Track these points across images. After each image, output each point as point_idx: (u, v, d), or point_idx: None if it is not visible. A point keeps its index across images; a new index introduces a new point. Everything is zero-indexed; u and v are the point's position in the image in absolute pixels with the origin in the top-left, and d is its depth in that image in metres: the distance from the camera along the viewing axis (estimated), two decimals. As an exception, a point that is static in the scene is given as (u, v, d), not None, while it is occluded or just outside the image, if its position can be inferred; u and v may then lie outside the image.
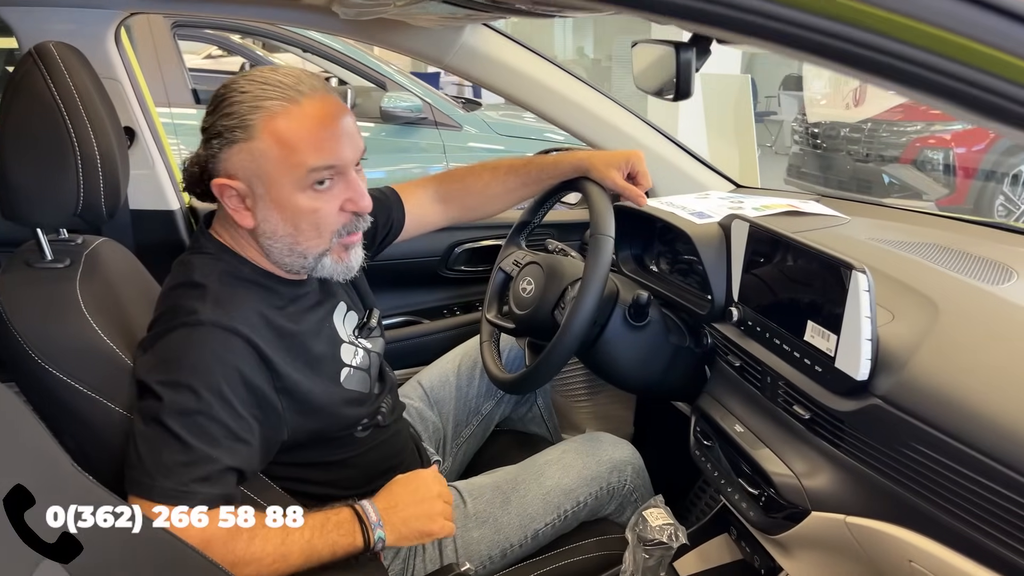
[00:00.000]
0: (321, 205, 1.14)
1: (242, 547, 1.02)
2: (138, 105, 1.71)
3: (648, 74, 1.31)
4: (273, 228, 1.14)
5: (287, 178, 1.11)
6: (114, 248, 1.35)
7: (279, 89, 1.10)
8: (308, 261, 1.18)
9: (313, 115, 1.10)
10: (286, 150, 1.09)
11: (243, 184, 1.12)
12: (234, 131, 1.09)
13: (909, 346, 1.04)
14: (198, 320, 1.07)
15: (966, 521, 0.91)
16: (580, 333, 1.34)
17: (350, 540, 1.10)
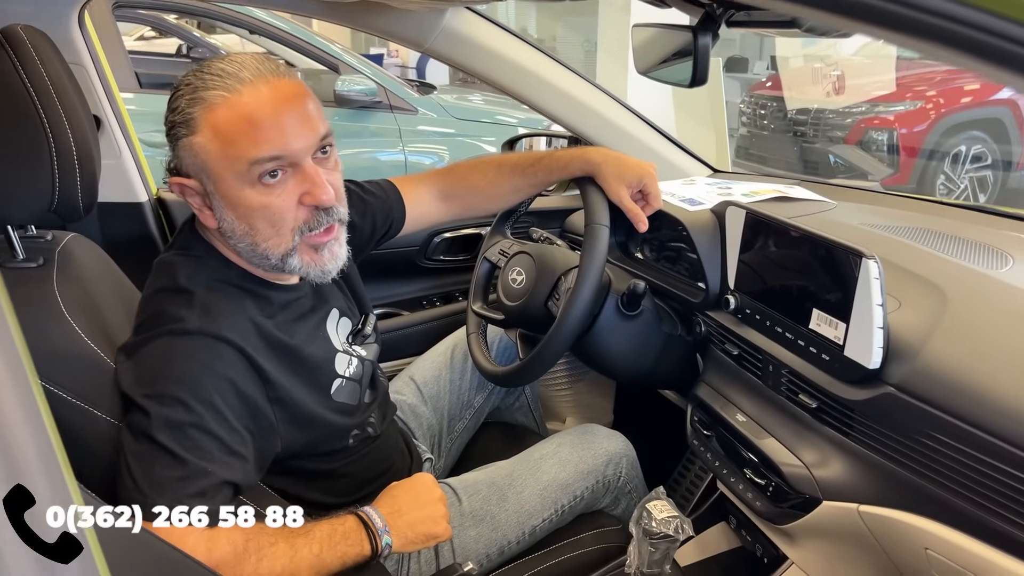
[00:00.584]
0: (272, 200, 1.05)
1: (250, 569, 0.97)
2: (104, 92, 1.61)
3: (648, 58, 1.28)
4: (231, 227, 1.07)
5: (230, 172, 1.03)
6: (84, 244, 1.27)
7: (220, 79, 1.02)
8: (272, 262, 1.09)
9: (252, 103, 1.01)
10: (224, 143, 1.02)
11: (195, 181, 1.06)
12: (178, 127, 1.04)
13: (921, 333, 1.04)
14: (184, 329, 1.01)
15: (984, 507, 0.91)
16: (578, 324, 1.32)
17: (358, 550, 1.06)
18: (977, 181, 5.98)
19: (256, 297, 1.12)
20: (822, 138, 6.22)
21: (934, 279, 1.14)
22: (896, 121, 5.85)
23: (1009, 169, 6.11)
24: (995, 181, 6.06)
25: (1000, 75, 0.51)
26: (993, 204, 2.93)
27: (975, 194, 5.96)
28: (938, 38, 0.49)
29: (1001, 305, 1.10)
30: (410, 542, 1.12)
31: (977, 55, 0.48)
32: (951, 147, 5.86)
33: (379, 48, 11.90)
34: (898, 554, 1.06)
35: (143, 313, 1.08)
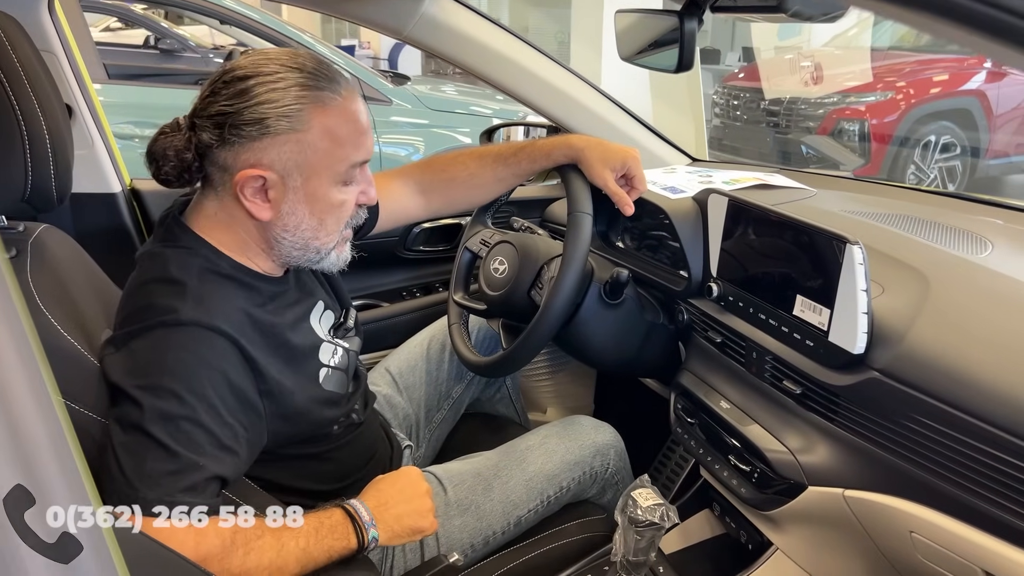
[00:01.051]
0: (347, 199, 1.12)
1: (238, 562, 0.95)
2: (75, 81, 1.58)
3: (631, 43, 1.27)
4: (298, 222, 1.09)
5: (328, 172, 1.07)
6: (57, 235, 1.24)
7: (326, 80, 1.05)
8: (320, 255, 1.15)
9: (354, 110, 1.08)
10: (334, 144, 1.06)
11: (276, 175, 1.05)
12: (279, 120, 1.02)
13: (905, 318, 1.04)
14: (178, 320, 0.99)
15: (969, 489, 0.92)
16: (562, 312, 1.31)
17: (344, 543, 1.05)
18: (946, 171, 6.06)
19: (247, 287, 1.11)
20: (795, 129, 6.27)
21: (916, 265, 1.15)
22: (867, 112, 5.91)
23: (977, 157, 6.20)
24: (964, 170, 6.14)
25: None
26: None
27: (944, 183, 6.05)
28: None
29: (983, 289, 1.11)
30: (396, 535, 1.11)
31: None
32: (921, 137, 5.93)
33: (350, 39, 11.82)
34: (883, 538, 1.07)
35: (130, 305, 1.05)
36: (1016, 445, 0.86)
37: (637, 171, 1.43)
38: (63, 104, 1.16)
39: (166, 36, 6.14)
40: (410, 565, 1.31)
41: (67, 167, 1.08)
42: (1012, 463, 0.87)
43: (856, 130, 5.89)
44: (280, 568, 0.98)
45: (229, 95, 1.03)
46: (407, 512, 1.12)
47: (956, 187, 6.06)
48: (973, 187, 6.12)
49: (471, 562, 1.35)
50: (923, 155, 5.95)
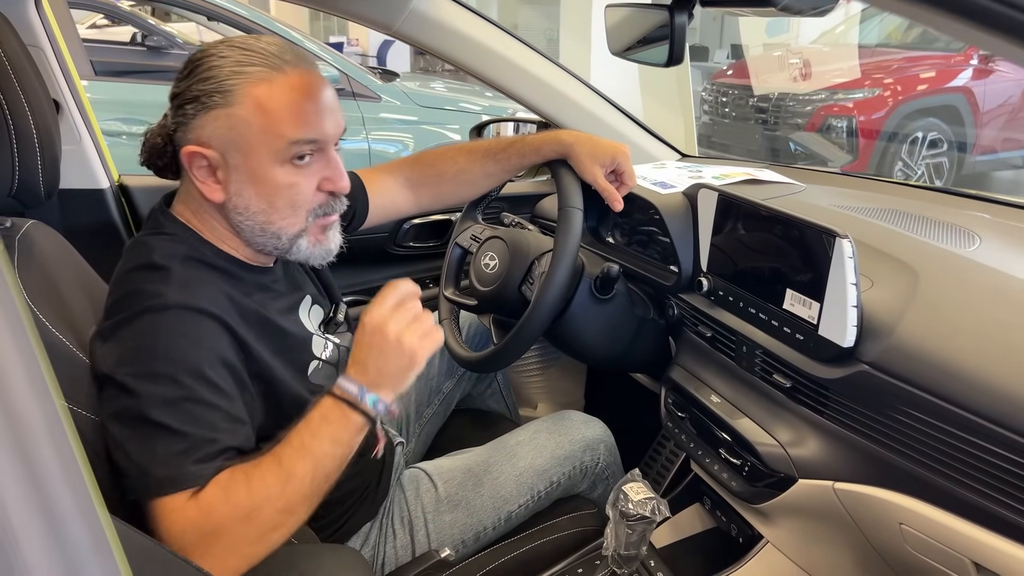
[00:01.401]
0: (299, 180, 1.07)
1: (243, 495, 0.91)
2: (63, 76, 1.57)
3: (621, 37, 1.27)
4: (246, 203, 1.06)
5: (266, 149, 1.03)
6: (45, 231, 1.23)
7: (262, 56, 1.03)
8: (282, 242, 1.10)
9: (297, 86, 1.03)
10: (268, 119, 1.02)
11: (216, 153, 1.03)
12: (212, 95, 1.01)
13: (894, 312, 1.05)
14: (164, 304, 0.98)
15: (958, 481, 0.93)
16: (552, 307, 1.31)
17: (345, 423, 0.97)
18: (933, 167, 6.10)
19: (231, 276, 1.10)
20: (783, 126, 6.30)
21: (905, 258, 1.16)
22: (855, 108, 5.95)
23: (964, 153, 6.24)
24: (951, 166, 6.19)
25: None
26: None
27: (931, 179, 6.09)
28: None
29: (971, 283, 1.12)
30: (397, 383, 1.02)
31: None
32: (908, 133, 5.97)
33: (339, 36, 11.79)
34: (873, 530, 1.08)
35: (115, 293, 1.04)
36: (1005, 437, 0.86)
37: (627, 167, 1.43)
38: (50, 99, 1.15)
39: (153, 33, 6.10)
40: (401, 561, 1.31)
41: (54, 162, 1.07)
42: (1001, 455, 0.87)
43: (844, 126, 5.93)
44: (289, 476, 0.93)
45: (182, 76, 1.05)
46: (385, 360, 1.01)
47: (943, 183, 6.11)
48: (960, 183, 6.17)
49: (462, 557, 1.35)
50: (911, 151, 5.99)
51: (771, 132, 6.40)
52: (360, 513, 1.29)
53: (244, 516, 0.90)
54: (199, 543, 0.89)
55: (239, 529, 0.90)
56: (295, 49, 1.07)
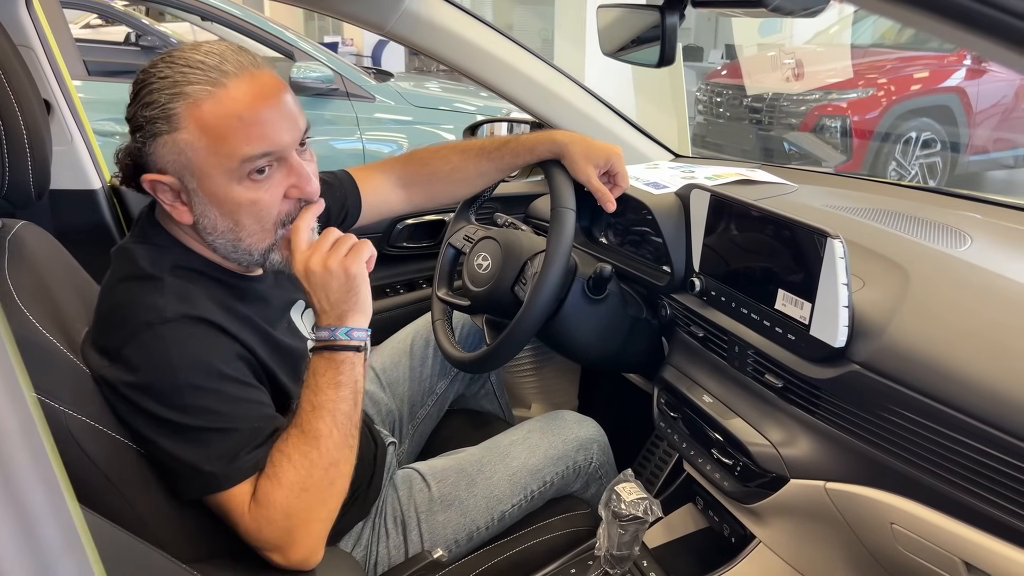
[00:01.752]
0: (260, 195, 1.03)
1: (289, 471, 0.98)
2: (54, 76, 1.56)
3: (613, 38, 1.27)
4: (212, 223, 1.04)
5: (218, 170, 1.00)
6: (36, 232, 1.23)
7: (201, 71, 0.98)
8: (255, 257, 1.08)
9: (241, 98, 0.98)
10: (215, 140, 0.98)
11: (173, 179, 1.01)
12: (156, 122, 0.98)
13: (885, 312, 1.05)
14: (164, 318, 0.98)
15: (949, 480, 0.93)
16: (545, 308, 1.32)
17: (334, 364, 1.04)
18: (927, 167, 6.12)
19: (222, 284, 1.09)
20: (777, 126, 6.31)
21: (896, 258, 1.16)
22: (848, 108, 5.96)
23: (958, 153, 6.26)
24: (944, 166, 6.20)
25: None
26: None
27: (925, 179, 6.11)
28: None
29: (962, 283, 1.12)
30: (352, 305, 1.06)
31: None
32: (902, 133, 5.98)
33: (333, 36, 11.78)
34: (864, 530, 1.08)
35: (107, 303, 1.04)
36: (995, 437, 0.87)
37: (620, 168, 1.43)
38: (41, 99, 1.15)
39: (147, 33, 6.10)
40: (394, 560, 1.31)
41: (44, 163, 1.07)
42: (992, 454, 0.87)
43: (838, 126, 5.94)
44: (316, 435, 1.01)
45: (130, 102, 1.02)
46: (336, 290, 1.05)
47: (937, 183, 6.12)
48: (953, 183, 6.19)
49: (455, 557, 1.35)
50: (904, 151, 6.00)
51: (765, 132, 6.41)
52: (352, 513, 1.29)
53: (300, 488, 0.98)
54: (284, 535, 0.98)
55: (302, 501, 0.98)
56: (238, 55, 1.02)
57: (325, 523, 1.02)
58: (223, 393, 0.98)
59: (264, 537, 0.98)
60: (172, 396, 0.96)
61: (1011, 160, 6.59)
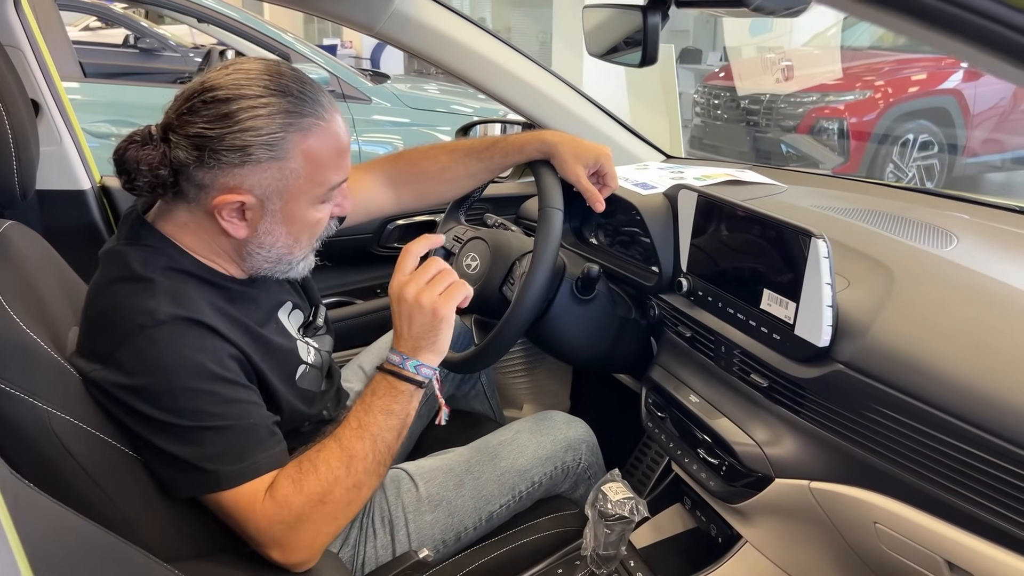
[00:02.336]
0: (323, 216, 1.11)
1: (313, 483, 1.00)
2: (42, 76, 1.56)
3: (600, 38, 1.27)
4: (272, 240, 1.08)
5: (308, 195, 1.06)
6: (24, 232, 1.23)
7: (308, 104, 1.02)
8: (288, 267, 1.14)
9: (339, 133, 1.06)
10: (315, 168, 1.04)
11: (255, 199, 1.03)
12: (262, 148, 0.99)
13: (869, 311, 1.05)
14: (157, 320, 0.98)
15: (931, 480, 0.93)
16: (533, 308, 1.32)
17: (393, 392, 1.08)
18: (924, 169, 6.11)
19: (213, 286, 1.09)
20: (774, 128, 6.31)
21: (881, 258, 1.16)
22: (846, 110, 5.96)
23: (955, 155, 6.26)
24: (942, 168, 6.20)
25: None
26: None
27: (922, 181, 6.10)
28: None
29: (946, 283, 1.12)
30: (436, 345, 1.11)
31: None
32: (900, 135, 5.98)
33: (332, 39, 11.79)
34: (848, 529, 1.08)
35: (97, 305, 1.04)
36: (977, 436, 0.87)
37: (609, 168, 1.44)
38: (28, 99, 1.15)
39: (146, 35, 6.11)
40: (381, 560, 1.31)
41: (30, 163, 1.07)
42: (973, 454, 0.88)
43: (835, 128, 5.94)
44: (351, 457, 1.04)
45: (210, 117, 0.99)
46: (420, 325, 1.09)
47: (934, 185, 6.12)
48: (951, 185, 6.18)
49: (443, 558, 1.35)
50: (901, 153, 6.00)
51: (762, 134, 6.42)
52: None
53: (319, 501, 1.00)
54: (288, 534, 1.00)
55: (317, 513, 1.00)
56: (326, 91, 1.08)
57: (332, 535, 1.05)
58: (217, 394, 0.99)
59: (272, 535, 1.00)
60: (166, 398, 0.97)
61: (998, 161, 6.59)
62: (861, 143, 5.95)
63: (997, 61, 0.53)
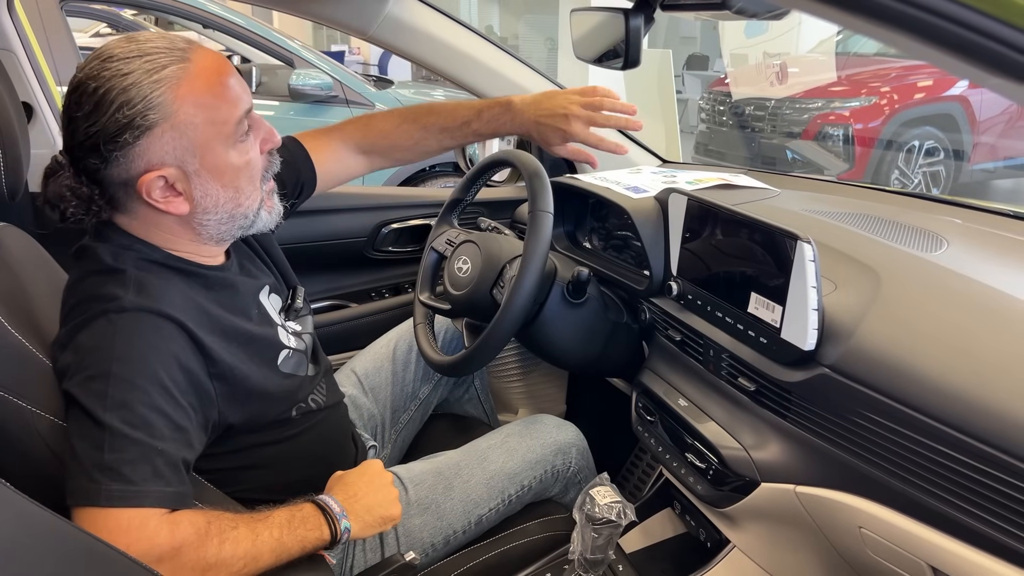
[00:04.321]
0: (251, 155, 1.09)
1: (213, 551, 0.94)
2: (35, 79, 1.57)
3: (587, 42, 1.27)
4: (214, 200, 1.07)
5: (218, 140, 1.04)
6: (15, 234, 1.24)
7: (163, 54, 1.00)
8: (248, 219, 1.12)
9: (210, 66, 1.03)
10: (208, 111, 1.02)
11: (174, 169, 1.02)
12: (146, 115, 0.98)
13: (854, 315, 1.05)
14: (121, 307, 0.98)
15: (915, 484, 0.93)
16: (521, 311, 1.31)
17: (318, 534, 1.04)
18: (930, 175, 6.10)
19: (188, 276, 1.10)
20: (779, 134, 6.31)
21: (869, 262, 1.16)
22: (851, 117, 5.95)
23: (961, 162, 6.24)
24: (947, 175, 6.18)
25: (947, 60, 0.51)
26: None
27: (928, 188, 6.09)
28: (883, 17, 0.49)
29: (932, 286, 1.12)
30: (368, 526, 1.11)
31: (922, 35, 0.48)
32: (905, 142, 5.97)
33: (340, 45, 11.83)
34: (834, 533, 1.08)
35: (72, 299, 1.04)
36: (960, 440, 0.86)
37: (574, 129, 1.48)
38: (18, 102, 1.16)
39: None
40: (370, 563, 1.31)
41: (18, 163, 1.08)
42: (956, 458, 0.87)
43: (840, 135, 5.93)
44: (255, 558, 0.98)
45: (87, 114, 0.98)
46: (377, 502, 1.12)
47: (940, 191, 6.10)
48: (957, 191, 6.16)
49: (431, 561, 1.35)
50: (907, 160, 5.99)
51: (768, 140, 6.41)
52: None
53: (201, 569, 0.94)
54: (156, 563, 0.90)
55: (193, 571, 0.93)
56: (173, 36, 1.05)
57: None
58: (149, 397, 0.96)
59: (148, 555, 0.90)
60: (99, 382, 0.94)
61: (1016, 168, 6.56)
62: (866, 149, 5.94)
63: (963, 64, 0.53)
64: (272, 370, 1.17)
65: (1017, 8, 0.44)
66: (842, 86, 6.28)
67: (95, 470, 0.91)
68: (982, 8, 0.47)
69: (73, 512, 0.92)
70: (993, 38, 0.45)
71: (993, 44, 0.45)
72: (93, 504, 0.91)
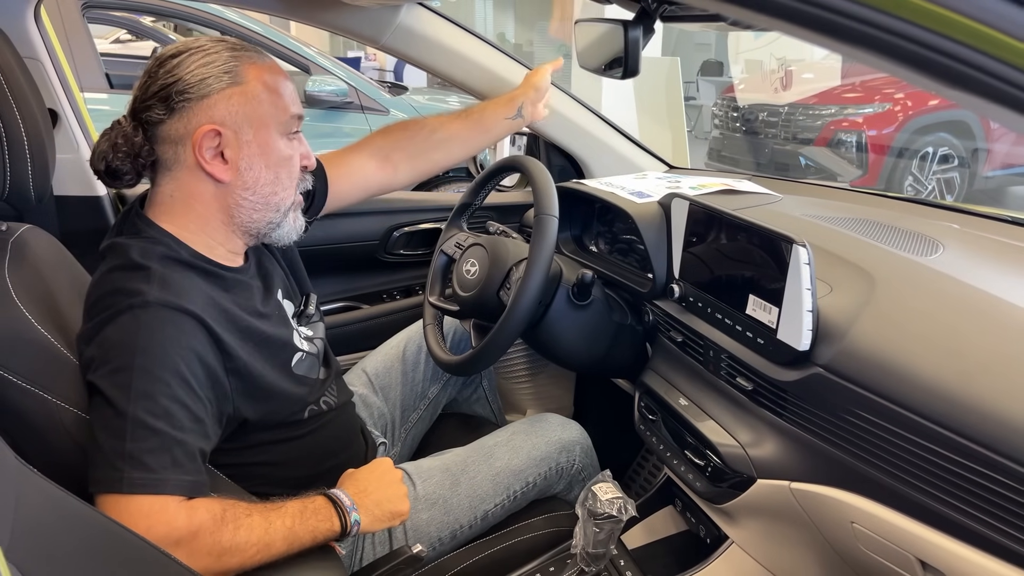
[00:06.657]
0: (294, 153, 1.19)
1: (228, 537, 0.99)
2: (61, 86, 1.63)
3: (591, 52, 1.31)
4: (256, 176, 1.15)
5: (274, 121, 1.15)
6: (40, 236, 1.29)
7: (248, 49, 1.15)
8: (279, 215, 1.20)
9: (276, 68, 1.17)
10: (273, 94, 1.14)
11: (229, 131, 1.11)
12: (220, 77, 1.10)
13: (848, 316, 1.08)
14: (145, 301, 1.03)
15: (904, 480, 0.95)
16: (526, 312, 1.35)
17: (328, 525, 1.09)
18: (944, 182, 6.07)
19: (209, 275, 1.14)
20: (792, 140, 6.30)
21: (864, 265, 1.18)
22: (864, 123, 5.94)
23: (976, 168, 6.21)
24: (962, 182, 6.15)
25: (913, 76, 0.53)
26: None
27: (942, 195, 6.06)
28: (851, 38, 0.52)
29: (925, 289, 1.14)
30: (377, 519, 1.15)
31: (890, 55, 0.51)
32: (919, 148, 5.95)
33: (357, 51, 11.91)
34: (828, 529, 1.10)
35: (96, 293, 1.09)
36: (949, 439, 0.89)
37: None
38: (45, 109, 1.21)
39: (172, 48, 6.21)
40: (379, 555, 1.34)
41: (45, 168, 1.13)
42: (944, 455, 0.89)
43: (853, 141, 5.92)
44: (268, 545, 1.02)
45: (167, 70, 1.10)
46: (386, 497, 1.17)
47: (954, 198, 6.07)
48: (971, 198, 6.13)
49: (438, 555, 1.38)
50: (921, 166, 5.96)
51: (781, 146, 6.41)
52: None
53: (217, 553, 0.98)
54: (174, 547, 0.95)
55: (204, 559, 0.98)
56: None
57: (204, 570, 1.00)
58: (169, 387, 1.01)
59: (167, 540, 0.95)
60: (123, 376, 0.99)
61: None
62: (880, 156, 5.93)
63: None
64: (286, 372, 1.22)
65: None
66: (856, 92, 6.26)
67: (117, 458, 0.96)
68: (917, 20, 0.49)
69: (96, 499, 0.96)
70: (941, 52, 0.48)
71: (943, 59, 0.48)
72: (115, 491, 0.95)
